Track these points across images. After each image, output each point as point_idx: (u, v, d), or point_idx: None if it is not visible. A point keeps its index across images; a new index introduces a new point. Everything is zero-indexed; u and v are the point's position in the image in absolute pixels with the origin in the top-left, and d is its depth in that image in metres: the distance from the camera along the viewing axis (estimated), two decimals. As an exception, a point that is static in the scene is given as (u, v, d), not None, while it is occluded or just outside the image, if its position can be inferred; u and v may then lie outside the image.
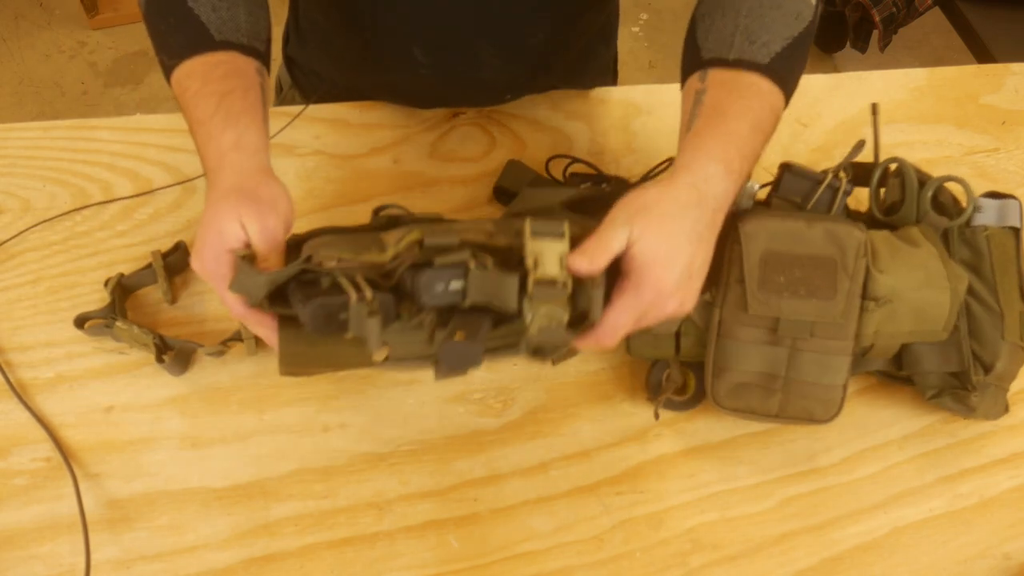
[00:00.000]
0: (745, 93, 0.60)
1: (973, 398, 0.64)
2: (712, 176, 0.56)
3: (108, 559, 0.59)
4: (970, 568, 0.63)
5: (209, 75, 0.59)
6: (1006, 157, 0.87)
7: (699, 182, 0.56)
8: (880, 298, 0.61)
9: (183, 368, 0.66)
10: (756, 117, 0.60)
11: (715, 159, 0.57)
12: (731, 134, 0.58)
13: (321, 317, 0.54)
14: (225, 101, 0.58)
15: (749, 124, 0.59)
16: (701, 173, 0.56)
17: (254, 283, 0.54)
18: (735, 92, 0.60)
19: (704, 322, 0.64)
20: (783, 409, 0.62)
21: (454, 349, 0.53)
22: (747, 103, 0.60)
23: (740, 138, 0.59)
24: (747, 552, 0.62)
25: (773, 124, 0.62)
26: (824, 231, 0.62)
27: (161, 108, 2.01)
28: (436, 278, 0.55)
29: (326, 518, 0.62)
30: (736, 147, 0.58)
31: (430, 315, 0.56)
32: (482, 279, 0.55)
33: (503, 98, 0.85)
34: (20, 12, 2.25)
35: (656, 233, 0.53)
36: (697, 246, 0.55)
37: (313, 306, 0.54)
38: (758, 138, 0.60)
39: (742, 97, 0.60)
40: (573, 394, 0.68)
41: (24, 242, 0.73)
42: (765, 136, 0.61)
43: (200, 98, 0.58)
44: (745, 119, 0.59)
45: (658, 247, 0.53)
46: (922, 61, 2.34)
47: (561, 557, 0.61)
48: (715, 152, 0.57)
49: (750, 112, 0.60)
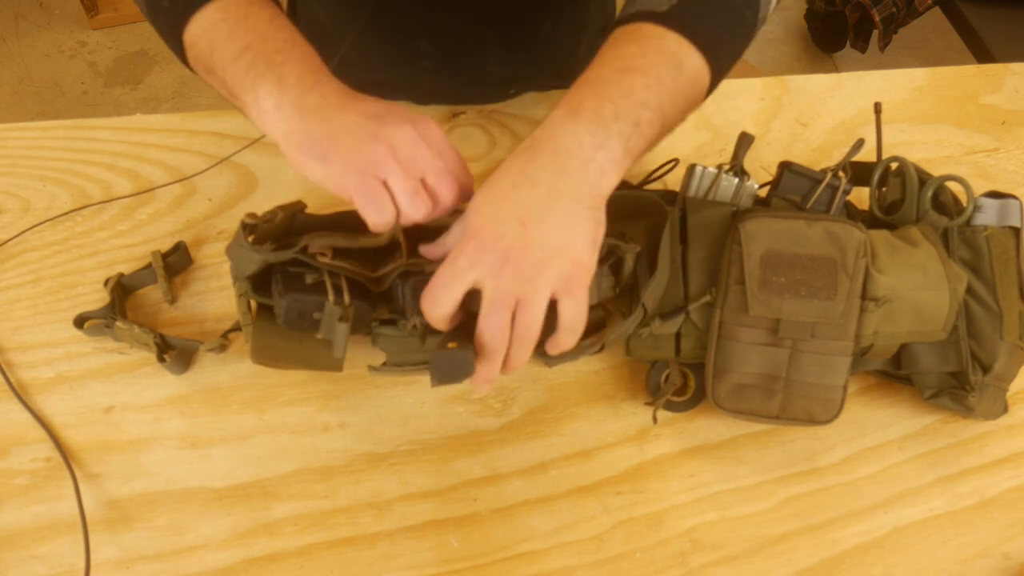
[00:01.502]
0: (623, 41, 0.55)
1: (971, 398, 0.64)
2: (551, 124, 0.52)
3: (108, 559, 0.59)
4: (970, 568, 0.63)
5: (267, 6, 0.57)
6: (1006, 157, 0.87)
7: (535, 132, 0.53)
8: (879, 298, 0.61)
9: (185, 367, 0.66)
10: (625, 60, 0.54)
11: (561, 107, 0.53)
12: (584, 82, 0.54)
13: (294, 312, 0.54)
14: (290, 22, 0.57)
15: (612, 68, 0.54)
16: (541, 125, 0.53)
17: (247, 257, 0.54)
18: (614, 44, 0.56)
19: (704, 323, 0.64)
20: (783, 410, 0.62)
21: (446, 357, 0.51)
22: (618, 49, 0.55)
23: (595, 81, 0.54)
24: (747, 552, 0.62)
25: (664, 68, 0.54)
26: (824, 231, 0.62)
27: (161, 108, 2.01)
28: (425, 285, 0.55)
29: (326, 518, 0.62)
30: (589, 90, 0.53)
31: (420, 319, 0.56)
32: None
33: (507, 92, 0.84)
34: (20, 12, 2.25)
35: (480, 194, 0.52)
36: (526, 190, 0.50)
37: (289, 300, 0.54)
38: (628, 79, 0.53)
39: (615, 44, 0.56)
40: (573, 394, 0.68)
41: (24, 242, 0.73)
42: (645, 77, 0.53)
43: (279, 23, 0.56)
44: (608, 64, 0.54)
45: (478, 200, 0.52)
46: (922, 61, 2.34)
47: (561, 557, 0.61)
48: (565, 102, 0.53)
49: (617, 58, 0.54)
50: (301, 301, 0.54)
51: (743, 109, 0.87)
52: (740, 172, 0.67)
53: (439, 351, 0.51)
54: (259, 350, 0.58)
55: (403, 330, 0.59)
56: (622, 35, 0.56)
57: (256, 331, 0.58)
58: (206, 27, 0.55)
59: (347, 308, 0.54)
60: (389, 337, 0.61)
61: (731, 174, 0.67)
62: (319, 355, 0.59)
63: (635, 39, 0.55)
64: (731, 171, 0.67)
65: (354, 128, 0.50)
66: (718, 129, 0.85)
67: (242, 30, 0.54)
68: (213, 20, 0.55)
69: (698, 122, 0.85)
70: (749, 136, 0.68)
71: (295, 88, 0.52)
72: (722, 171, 0.67)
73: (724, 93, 0.87)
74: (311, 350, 0.58)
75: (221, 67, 0.55)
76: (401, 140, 0.50)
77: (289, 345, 0.58)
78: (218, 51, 0.55)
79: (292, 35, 0.55)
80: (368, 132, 0.50)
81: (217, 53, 0.55)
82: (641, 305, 0.60)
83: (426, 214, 0.52)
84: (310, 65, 0.54)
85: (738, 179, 0.67)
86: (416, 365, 0.61)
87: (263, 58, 0.53)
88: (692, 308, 0.63)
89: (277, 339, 0.57)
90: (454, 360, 0.51)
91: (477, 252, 0.49)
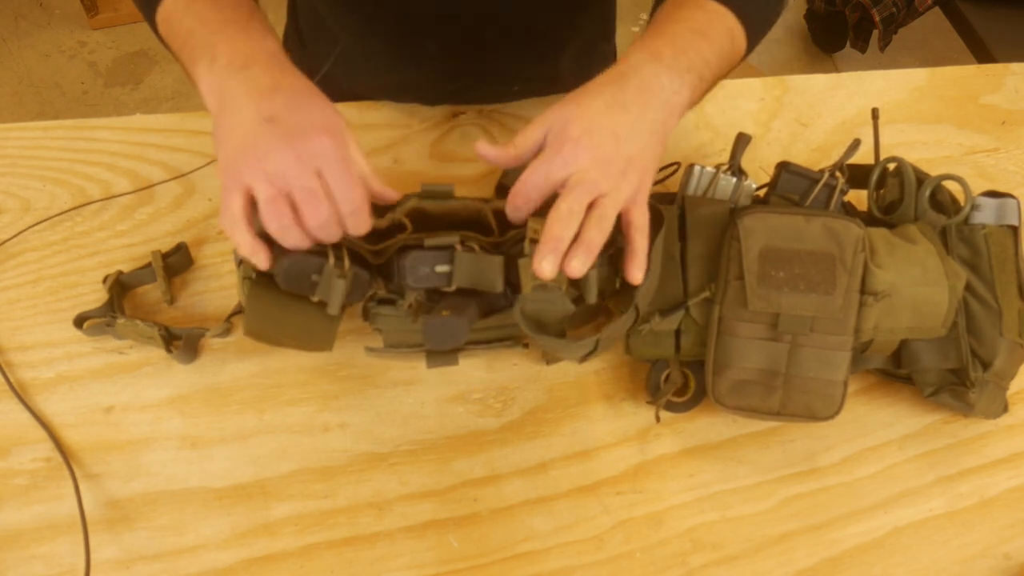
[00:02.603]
0: (688, 4, 0.62)
1: (971, 395, 0.64)
2: (637, 63, 0.58)
3: (108, 559, 0.59)
4: (970, 568, 0.63)
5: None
6: (1006, 157, 0.87)
7: (620, 67, 0.58)
8: (879, 293, 0.61)
9: (193, 356, 0.66)
10: (696, 24, 0.61)
11: (639, 50, 0.59)
12: (662, 33, 0.60)
13: (294, 272, 0.55)
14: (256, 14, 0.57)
15: (686, 27, 0.61)
16: (625, 61, 0.58)
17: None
18: (679, 5, 0.63)
19: (704, 319, 0.64)
20: (784, 406, 0.62)
21: (438, 323, 0.53)
22: (687, 12, 0.62)
23: (672, 35, 0.60)
24: (747, 552, 0.62)
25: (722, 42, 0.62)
26: (822, 226, 0.62)
27: (161, 108, 2.01)
28: (421, 260, 0.56)
29: (326, 518, 0.62)
30: (668, 41, 0.59)
31: (416, 295, 0.57)
32: (468, 262, 0.56)
33: (511, 90, 0.85)
34: (20, 12, 2.25)
35: (573, 105, 0.55)
36: (618, 112, 0.55)
37: (289, 259, 0.54)
38: (699, 40, 0.60)
39: (683, 7, 0.62)
40: (573, 394, 0.68)
41: (24, 242, 0.73)
42: (710, 42, 0.61)
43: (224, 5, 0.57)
44: (682, 23, 0.61)
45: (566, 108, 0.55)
46: (922, 61, 2.34)
47: (561, 557, 0.61)
48: (642, 45, 0.59)
49: (689, 20, 0.61)
50: (302, 261, 0.55)
51: (743, 109, 0.87)
52: (738, 172, 0.68)
53: (432, 316, 0.54)
54: (253, 318, 0.57)
55: (400, 310, 0.60)
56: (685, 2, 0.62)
57: (251, 298, 0.57)
58: (165, 15, 0.58)
59: (346, 270, 0.55)
60: (386, 317, 0.61)
61: (729, 174, 0.67)
62: (312, 328, 0.58)
63: (702, 9, 0.62)
64: (729, 171, 0.67)
65: (243, 129, 0.51)
66: (718, 129, 0.85)
67: (188, 15, 0.57)
68: (168, 10, 0.58)
69: (698, 122, 0.85)
70: (747, 136, 0.69)
71: (223, 70, 0.53)
72: (720, 171, 0.67)
73: (724, 93, 0.87)
74: (305, 321, 0.58)
75: (176, 51, 0.58)
76: (272, 153, 0.50)
77: (283, 315, 0.57)
78: (174, 37, 0.57)
79: (235, 15, 0.56)
80: (248, 137, 0.50)
81: (174, 39, 0.58)
82: (634, 306, 0.60)
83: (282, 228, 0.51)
84: (244, 47, 0.54)
85: (736, 179, 0.67)
86: (413, 347, 0.62)
87: (201, 41, 0.55)
88: (691, 304, 0.63)
89: (271, 308, 0.57)
90: (447, 325, 0.53)
91: (574, 154, 0.54)
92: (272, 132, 0.50)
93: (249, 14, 0.57)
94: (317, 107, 0.52)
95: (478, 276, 0.56)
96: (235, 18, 0.56)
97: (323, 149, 0.50)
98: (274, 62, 0.54)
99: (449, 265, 0.56)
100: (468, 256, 0.56)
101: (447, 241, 0.56)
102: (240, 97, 0.52)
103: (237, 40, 0.54)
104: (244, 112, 0.51)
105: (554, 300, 0.56)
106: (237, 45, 0.54)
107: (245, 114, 0.51)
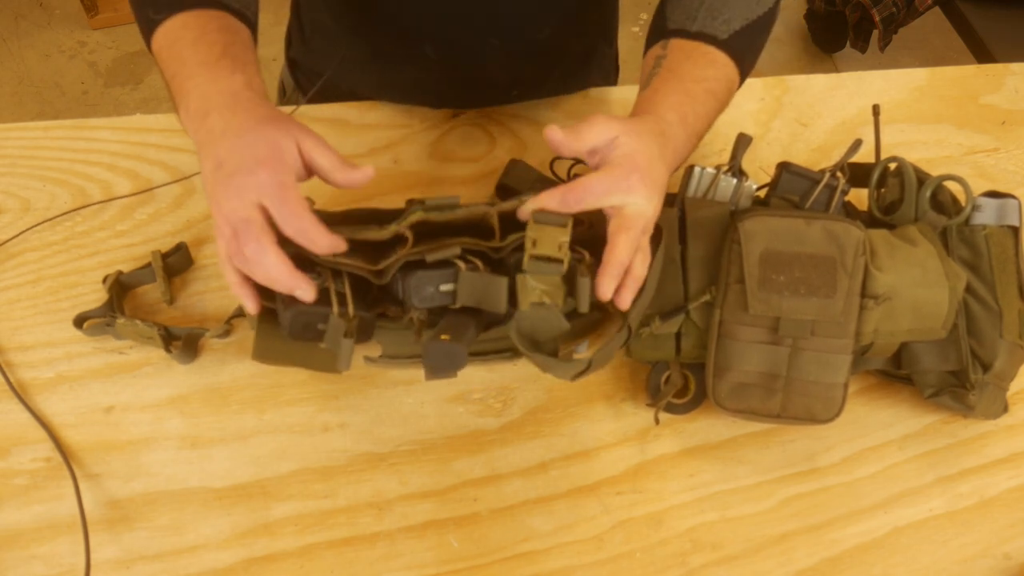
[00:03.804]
0: (701, 62, 0.65)
1: (971, 396, 0.64)
2: (671, 123, 0.61)
3: (108, 559, 0.59)
4: (970, 568, 0.63)
5: (207, 26, 0.60)
6: (1006, 157, 0.87)
7: (659, 122, 0.60)
8: (879, 296, 0.61)
9: (192, 356, 0.67)
10: (711, 84, 0.65)
11: (672, 109, 0.62)
12: (686, 93, 0.63)
13: (299, 325, 0.55)
14: (230, 49, 0.58)
15: (703, 88, 0.64)
16: (660, 117, 0.61)
17: None
18: (692, 59, 0.65)
19: (704, 323, 0.64)
20: (784, 409, 0.62)
21: (438, 348, 0.53)
22: (703, 71, 0.65)
23: (694, 98, 0.63)
24: (747, 552, 0.62)
25: (727, 95, 0.67)
26: (823, 229, 0.62)
27: (161, 108, 2.01)
28: (426, 281, 0.55)
29: (326, 518, 0.62)
30: (691, 105, 0.63)
31: (419, 314, 0.57)
32: (472, 281, 0.56)
33: (510, 94, 0.85)
34: (20, 12, 2.25)
35: (637, 137, 0.57)
36: (661, 169, 0.58)
37: (293, 312, 0.54)
38: (711, 103, 0.64)
39: (698, 65, 0.65)
40: (573, 394, 0.68)
41: (24, 242, 0.73)
42: (718, 103, 0.66)
43: (201, 44, 0.58)
44: (700, 83, 0.64)
45: (639, 143, 0.57)
46: (922, 61, 2.34)
47: (561, 557, 0.61)
48: (672, 103, 0.62)
49: (705, 79, 0.65)
50: (306, 314, 0.55)
51: (743, 109, 0.87)
52: (738, 173, 0.67)
53: (432, 342, 0.53)
54: (261, 352, 0.59)
55: (400, 324, 0.60)
56: (694, 52, 0.66)
57: (259, 334, 0.58)
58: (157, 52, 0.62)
59: (351, 321, 0.55)
60: (387, 330, 0.61)
61: (729, 175, 0.67)
62: (319, 359, 0.59)
63: (710, 63, 0.65)
64: (729, 172, 0.67)
65: (206, 177, 0.54)
66: (718, 129, 0.84)
67: (172, 55, 0.59)
68: (157, 46, 0.61)
69: (698, 122, 0.85)
70: (747, 137, 0.69)
71: (193, 121, 0.56)
72: (720, 172, 0.67)
73: (724, 93, 0.87)
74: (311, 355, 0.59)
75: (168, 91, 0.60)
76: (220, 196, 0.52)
77: (291, 348, 0.58)
78: (164, 74, 0.60)
79: (208, 54, 0.58)
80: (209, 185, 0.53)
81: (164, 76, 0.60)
82: (626, 325, 0.59)
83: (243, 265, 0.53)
84: (208, 92, 0.56)
85: (736, 180, 0.67)
86: (411, 358, 0.62)
87: (179, 86, 0.58)
88: (692, 307, 0.63)
89: (279, 342, 0.58)
90: (447, 351, 0.53)
91: (640, 187, 0.56)
92: (219, 177, 0.52)
93: (222, 51, 0.58)
94: (262, 140, 0.53)
95: (482, 296, 0.56)
96: (207, 59, 0.57)
97: (259, 182, 0.51)
98: (230, 103, 0.55)
99: (453, 284, 0.56)
100: (472, 276, 0.56)
101: (448, 254, 0.56)
102: (204, 147, 0.54)
103: (203, 86, 0.56)
104: (206, 162, 0.54)
105: (550, 318, 0.56)
106: (202, 92, 0.56)
107: (206, 164, 0.54)
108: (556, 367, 0.58)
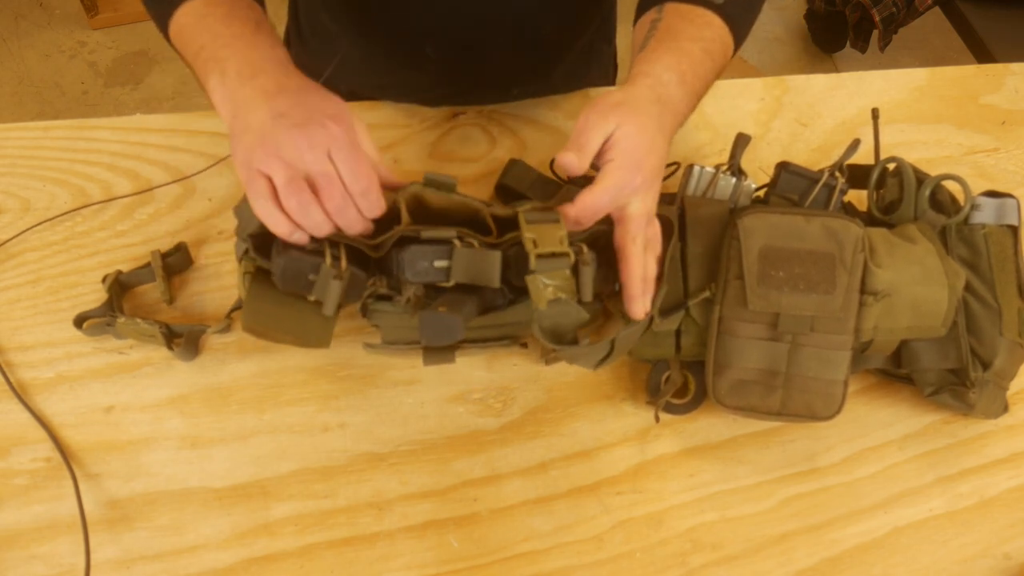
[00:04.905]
0: (698, 22, 0.65)
1: (971, 395, 0.64)
2: (668, 83, 0.61)
3: (108, 559, 0.59)
4: (970, 568, 0.63)
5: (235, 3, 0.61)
6: (1006, 157, 0.87)
7: (656, 85, 0.60)
8: (878, 292, 0.61)
9: (194, 353, 0.67)
10: (707, 44, 0.64)
11: (669, 68, 0.61)
12: (684, 52, 0.63)
13: (291, 272, 0.55)
14: (263, 26, 0.60)
15: (701, 48, 0.64)
16: (657, 78, 0.60)
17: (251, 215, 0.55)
18: (688, 20, 0.65)
19: (704, 319, 0.64)
20: (784, 406, 0.62)
21: (435, 319, 0.54)
22: (699, 31, 0.65)
23: (692, 56, 0.63)
24: (747, 552, 0.62)
25: (723, 59, 0.66)
26: (822, 226, 0.62)
27: (161, 108, 2.01)
28: (420, 255, 0.56)
29: (326, 518, 0.62)
30: (688, 63, 0.62)
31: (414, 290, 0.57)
32: (466, 257, 0.56)
33: (510, 93, 0.85)
34: (20, 12, 2.25)
35: (634, 122, 0.57)
36: (662, 141, 0.59)
37: (286, 258, 0.55)
38: (708, 63, 0.64)
39: (695, 25, 0.65)
40: (573, 394, 0.68)
41: (24, 242, 0.73)
42: (715, 65, 0.65)
43: (233, 19, 0.60)
44: (697, 43, 0.64)
45: (637, 133, 0.57)
46: (922, 61, 2.34)
47: (561, 557, 0.61)
48: (669, 63, 0.62)
49: (702, 39, 0.64)
50: (298, 260, 0.55)
51: (743, 109, 0.87)
52: (738, 172, 0.68)
53: (428, 312, 0.54)
54: (250, 314, 0.58)
55: (398, 306, 0.60)
56: (690, 14, 0.66)
57: (249, 294, 0.58)
58: (178, 28, 0.62)
59: (343, 270, 0.55)
60: (384, 313, 0.61)
61: (729, 174, 0.67)
62: (309, 325, 0.59)
63: (706, 24, 0.65)
64: (729, 171, 0.67)
65: (257, 127, 0.53)
66: (718, 129, 0.85)
67: (200, 29, 0.60)
68: (180, 24, 0.62)
69: (698, 122, 0.85)
70: (746, 136, 0.69)
71: (234, 81, 0.56)
72: (720, 171, 0.67)
73: (724, 93, 0.87)
74: (302, 318, 0.58)
75: (189, 62, 0.61)
76: (286, 142, 0.52)
77: (281, 311, 0.58)
78: (187, 48, 0.61)
79: (243, 29, 0.59)
80: (262, 133, 0.53)
81: (187, 50, 0.61)
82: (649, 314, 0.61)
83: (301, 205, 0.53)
84: (252, 57, 0.57)
85: (736, 179, 0.67)
86: (411, 344, 0.62)
87: (212, 55, 0.58)
88: (692, 304, 0.63)
89: (269, 304, 0.58)
90: (443, 322, 0.54)
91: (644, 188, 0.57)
92: (283, 124, 0.53)
93: (256, 27, 0.60)
94: (324, 100, 0.55)
95: (476, 271, 0.57)
96: (243, 32, 0.59)
97: (332, 135, 0.52)
98: (280, 68, 0.57)
99: (447, 260, 0.56)
100: (466, 251, 0.56)
101: (445, 234, 0.57)
102: (251, 101, 0.54)
103: (245, 52, 0.57)
104: (256, 113, 0.54)
105: (569, 311, 0.58)
106: (245, 57, 0.57)
107: (257, 115, 0.54)
108: (582, 356, 0.61)
